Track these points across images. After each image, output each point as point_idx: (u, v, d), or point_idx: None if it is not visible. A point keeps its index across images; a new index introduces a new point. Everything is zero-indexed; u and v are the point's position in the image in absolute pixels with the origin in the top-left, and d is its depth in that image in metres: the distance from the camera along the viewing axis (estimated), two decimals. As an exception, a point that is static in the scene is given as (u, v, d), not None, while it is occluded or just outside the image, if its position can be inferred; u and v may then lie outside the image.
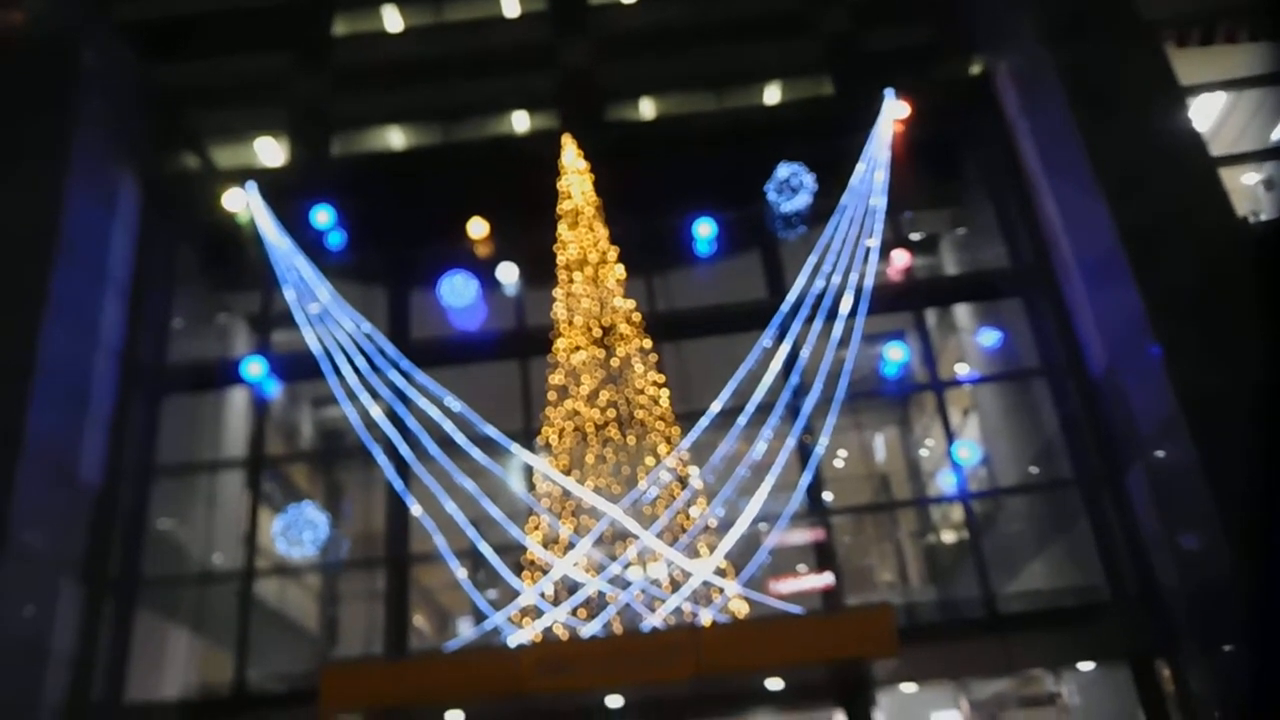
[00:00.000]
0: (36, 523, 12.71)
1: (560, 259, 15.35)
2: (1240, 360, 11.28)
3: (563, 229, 15.55)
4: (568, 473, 13.81)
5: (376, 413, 15.01)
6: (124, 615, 14.22)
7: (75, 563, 13.59)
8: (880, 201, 15.81)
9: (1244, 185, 14.41)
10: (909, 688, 13.03)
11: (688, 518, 13.47)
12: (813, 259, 15.50)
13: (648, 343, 14.79)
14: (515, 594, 13.24)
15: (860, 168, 16.11)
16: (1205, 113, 14.71)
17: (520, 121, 18.59)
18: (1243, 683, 10.68)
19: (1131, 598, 13.09)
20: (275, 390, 16.34)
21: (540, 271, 15.66)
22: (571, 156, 16.06)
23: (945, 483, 16.53)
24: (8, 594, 12.02)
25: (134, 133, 16.39)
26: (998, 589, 13.93)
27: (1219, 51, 14.50)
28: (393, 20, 19.54)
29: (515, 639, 12.74)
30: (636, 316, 14.99)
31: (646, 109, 18.57)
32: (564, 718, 12.76)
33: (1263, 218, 13.84)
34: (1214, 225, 12.48)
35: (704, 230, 16.26)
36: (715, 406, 14.52)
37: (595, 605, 13.04)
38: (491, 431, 14.58)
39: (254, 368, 15.64)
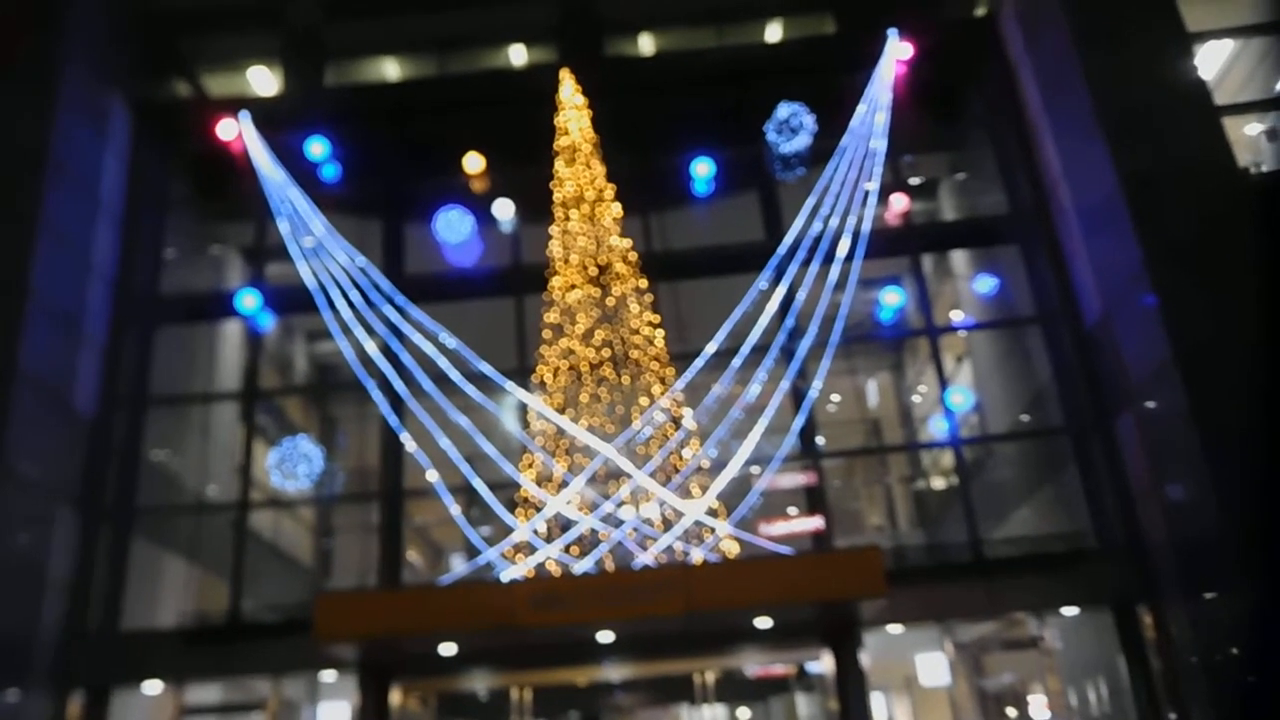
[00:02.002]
0: (31, 451, 12.73)
1: (557, 196, 15.24)
2: (1235, 311, 11.35)
3: (559, 165, 15.42)
4: (562, 411, 13.87)
5: (371, 347, 15.00)
6: (120, 544, 14.32)
7: (71, 492, 13.63)
8: (880, 144, 15.68)
9: (1246, 135, 14.31)
10: (895, 629, 13.24)
11: (680, 458, 13.57)
12: (811, 201, 15.41)
13: (643, 282, 14.77)
14: (509, 530, 13.37)
15: (861, 109, 15.95)
16: (1210, 60, 14.54)
17: (518, 55, 18.31)
18: (1226, 630, 10.89)
19: (1116, 545, 13.25)
20: (269, 323, 16.28)
21: (536, 208, 15.55)
22: (569, 91, 15.87)
23: (937, 428, 16.65)
24: (4, 523, 12.08)
25: (125, 58, 16.09)
26: (985, 534, 14.09)
27: (1228, -2, 14.32)
28: (389, -53, 19.13)
29: (508, 575, 12.89)
30: (633, 255, 14.95)
31: (646, 45, 18.29)
32: (556, 651, 12.99)
33: (1264, 169, 13.76)
34: (1215, 175, 12.39)
35: (702, 170, 16.11)
36: (710, 348, 14.54)
37: (588, 543, 13.18)
38: (486, 368, 14.59)
39: (248, 300, 15.56)
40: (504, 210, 16.33)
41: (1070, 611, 13.42)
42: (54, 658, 12.88)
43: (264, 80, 18.07)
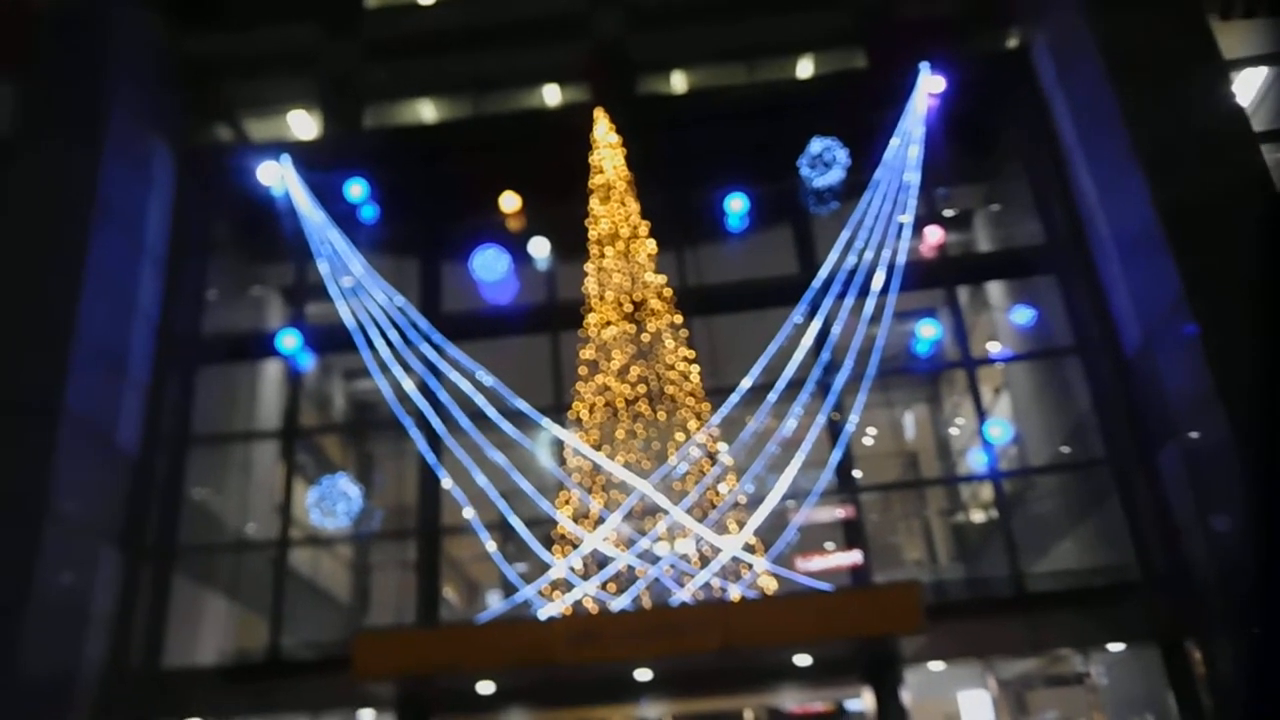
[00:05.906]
0: (75, 490, 12.91)
1: (592, 233, 15.34)
2: (1277, 340, 11.17)
3: (594, 203, 15.53)
4: (598, 448, 13.88)
5: (408, 385, 15.12)
6: (161, 583, 14.46)
7: (113, 530, 13.80)
8: (914, 177, 15.67)
9: (1284, 162, 14.17)
10: (936, 666, 13.05)
11: (717, 494, 13.51)
12: (845, 234, 15.41)
13: (679, 318, 14.79)
14: (545, 567, 13.35)
15: (894, 142, 15.97)
16: (1245, 87, 14.43)
17: (552, 95, 18.54)
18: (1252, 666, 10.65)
19: (1162, 579, 13.00)
20: (308, 362, 16.48)
21: (572, 246, 15.67)
22: (603, 130, 16.01)
23: (975, 461, 16.48)
24: (48, 561, 12.23)
25: (168, 104, 16.47)
26: (1026, 568, 13.89)
27: (1262, 24, 14.22)
28: (424, -9, 19.52)
29: (545, 612, 12.86)
30: (667, 291, 14.99)
31: (678, 82, 18.45)
32: (594, 689, 12.90)
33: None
34: (1254, 202, 12.27)
35: (736, 205, 16.18)
36: (746, 383, 14.52)
37: (625, 580, 13.14)
38: (522, 405, 14.65)
39: (288, 340, 15.78)
40: (539, 248, 16.47)
41: (1116, 647, 13.17)
42: (96, 696, 12.97)
43: (304, 123, 18.41)
